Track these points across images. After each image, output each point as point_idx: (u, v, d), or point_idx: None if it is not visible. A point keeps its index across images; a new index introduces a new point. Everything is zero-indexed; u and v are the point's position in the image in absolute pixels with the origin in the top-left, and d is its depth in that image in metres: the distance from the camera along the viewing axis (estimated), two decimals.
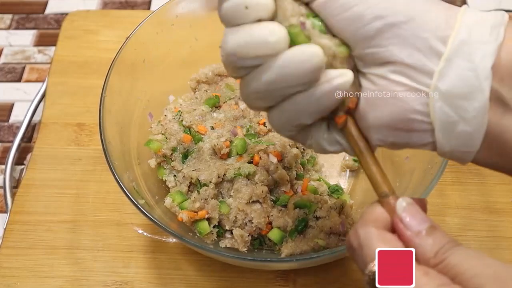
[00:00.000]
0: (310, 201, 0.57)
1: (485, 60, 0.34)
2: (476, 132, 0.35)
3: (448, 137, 0.36)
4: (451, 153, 0.37)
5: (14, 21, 0.88)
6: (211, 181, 0.56)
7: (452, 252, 0.32)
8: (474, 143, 0.36)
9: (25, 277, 0.61)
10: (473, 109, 0.34)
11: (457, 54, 0.34)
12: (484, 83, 0.34)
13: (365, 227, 0.35)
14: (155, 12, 0.62)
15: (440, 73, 0.35)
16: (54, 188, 0.67)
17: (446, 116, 0.35)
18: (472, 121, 0.35)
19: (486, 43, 0.34)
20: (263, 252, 0.58)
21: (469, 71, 0.34)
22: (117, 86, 0.58)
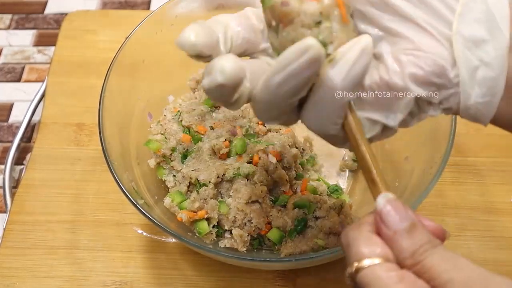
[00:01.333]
0: (309, 201, 0.57)
1: (502, 1, 0.35)
2: (498, 76, 0.35)
3: (472, 85, 0.36)
4: (474, 105, 0.37)
5: (13, 21, 0.88)
6: (210, 181, 0.56)
7: (428, 254, 0.32)
8: (497, 89, 0.36)
9: (25, 277, 0.61)
10: (493, 50, 0.35)
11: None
12: (502, 22, 0.34)
13: (357, 228, 0.35)
14: (155, 12, 0.62)
15: (458, 18, 0.35)
16: (53, 188, 0.67)
17: (469, 61, 0.35)
18: (493, 63, 0.35)
19: None
20: (262, 252, 0.58)
21: (486, 12, 0.35)
22: (117, 86, 0.58)
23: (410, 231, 0.33)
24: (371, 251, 0.32)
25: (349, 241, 0.34)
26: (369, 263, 0.32)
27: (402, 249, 0.32)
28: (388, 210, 0.34)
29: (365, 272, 0.32)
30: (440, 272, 0.31)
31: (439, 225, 0.36)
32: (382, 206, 0.34)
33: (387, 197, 0.34)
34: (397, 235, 0.33)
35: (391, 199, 0.34)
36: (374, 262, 0.32)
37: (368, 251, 0.33)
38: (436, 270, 0.31)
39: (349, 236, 0.34)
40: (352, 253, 0.33)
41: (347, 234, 0.34)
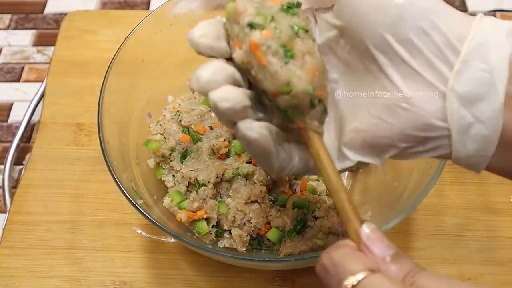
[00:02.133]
0: (308, 201, 0.57)
1: (501, 62, 0.35)
2: (492, 134, 0.36)
3: (465, 141, 0.36)
4: (467, 158, 0.37)
5: (13, 21, 0.88)
6: (209, 181, 0.56)
7: (419, 276, 0.32)
8: (490, 146, 0.36)
9: (24, 277, 0.61)
10: (488, 110, 0.35)
11: (473, 56, 0.35)
12: (499, 84, 0.35)
13: (340, 249, 0.35)
14: (154, 12, 0.62)
15: (456, 75, 0.35)
16: (53, 188, 0.67)
17: (463, 118, 0.35)
18: (487, 122, 0.35)
19: (503, 46, 0.35)
20: (261, 252, 0.58)
21: (485, 72, 0.35)
22: (116, 86, 0.58)
23: (396, 258, 0.34)
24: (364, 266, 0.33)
25: (335, 261, 0.34)
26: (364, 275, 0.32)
27: (392, 273, 0.33)
28: (374, 238, 0.35)
29: (365, 281, 0.32)
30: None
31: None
32: (368, 235, 0.35)
33: (370, 227, 0.35)
34: (385, 262, 0.34)
35: (375, 229, 0.35)
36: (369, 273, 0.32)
37: (360, 265, 0.33)
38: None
39: (333, 257, 0.34)
40: (342, 270, 0.33)
41: (330, 256, 0.35)
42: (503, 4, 0.87)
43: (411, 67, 0.36)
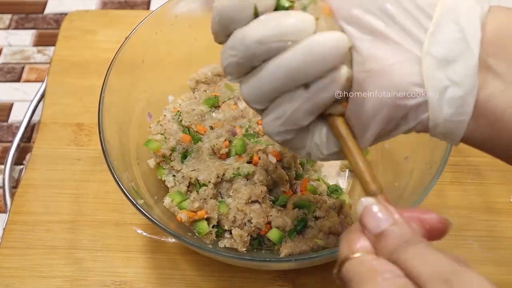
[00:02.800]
0: (309, 201, 0.57)
1: (473, 22, 0.35)
2: (467, 95, 0.35)
3: (441, 104, 0.36)
4: (443, 124, 0.37)
5: (13, 21, 0.88)
6: (210, 181, 0.56)
7: (404, 252, 0.33)
8: (466, 109, 0.36)
9: (24, 277, 0.61)
10: (463, 70, 0.35)
11: (445, 18, 0.35)
12: (472, 42, 0.35)
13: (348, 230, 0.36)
14: (154, 12, 0.62)
15: (430, 38, 0.35)
16: (53, 188, 0.67)
17: (439, 81, 0.36)
18: (463, 82, 0.35)
19: (473, 7, 0.35)
20: (262, 252, 0.58)
21: (457, 32, 0.35)
22: (116, 86, 0.58)
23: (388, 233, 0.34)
24: (354, 247, 0.34)
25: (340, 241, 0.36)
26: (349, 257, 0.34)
27: (382, 249, 0.34)
28: (366, 215, 0.35)
29: (345, 265, 0.34)
30: (410, 268, 0.32)
31: (441, 218, 0.37)
32: (360, 213, 0.36)
33: (364, 203, 0.36)
34: (378, 236, 0.34)
35: (372, 202, 0.36)
36: (354, 256, 0.34)
37: (350, 247, 0.35)
38: (407, 266, 0.32)
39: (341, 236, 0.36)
40: (340, 251, 0.35)
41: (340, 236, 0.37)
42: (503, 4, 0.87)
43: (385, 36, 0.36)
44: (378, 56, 0.36)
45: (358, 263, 0.33)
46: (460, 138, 0.38)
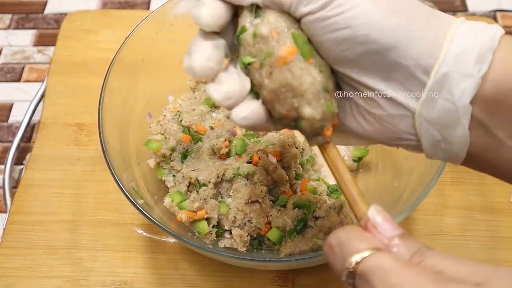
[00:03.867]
0: (309, 201, 0.57)
1: (465, 96, 0.35)
2: (460, 151, 0.38)
3: (435, 151, 0.39)
4: (439, 160, 0.41)
5: (13, 21, 0.88)
6: (210, 181, 0.56)
7: (427, 255, 0.32)
8: (458, 158, 0.38)
9: (24, 277, 0.61)
10: (455, 136, 0.37)
11: (439, 86, 0.36)
12: (463, 117, 0.36)
13: (347, 229, 0.35)
14: (154, 12, 0.62)
15: (423, 103, 0.37)
16: (53, 188, 0.67)
17: (432, 136, 0.37)
18: (455, 144, 0.37)
19: (468, 77, 0.35)
20: (262, 252, 0.58)
21: (450, 103, 0.36)
22: (116, 86, 0.58)
23: (404, 238, 0.34)
24: (369, 245, 0.33)
25: (341, 241, 0.34)
26: (370, 253, 0.32)
27: (400, 253, 0.33)
28: (381, 219, 0.35)
29: (367, 259, 0.32)
30: (442, 268, 0.31)
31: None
32: (374, 216, 0.35)
33: (377, 208, 0.36)
34: (393, 242, 0.33)
35: (381, 210, 0.36)
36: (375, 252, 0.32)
37: (365, 245, 0.33)
38: (438, 267, 0.31)
39: (339, 236, 0.34)
40: (347, 249, 0.33)
41: (337, 235, 0.35)
42: (503, 4, 0.87)
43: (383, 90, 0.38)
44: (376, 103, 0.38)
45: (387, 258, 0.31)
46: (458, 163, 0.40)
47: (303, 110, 0.38)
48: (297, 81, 0.37)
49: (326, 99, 0.38)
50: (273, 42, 0.38)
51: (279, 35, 0.38)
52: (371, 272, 0.31)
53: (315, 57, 0.38)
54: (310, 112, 0.38)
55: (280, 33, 0.38)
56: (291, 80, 0.37)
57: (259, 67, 0.38)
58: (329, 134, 0.39)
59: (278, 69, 0.38)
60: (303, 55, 0.37)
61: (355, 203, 0.37)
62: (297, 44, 0.38)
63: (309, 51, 0.38)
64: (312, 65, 0.38)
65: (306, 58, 0.37)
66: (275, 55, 0.37)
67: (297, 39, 0.38)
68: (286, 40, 0.37)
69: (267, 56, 0.38)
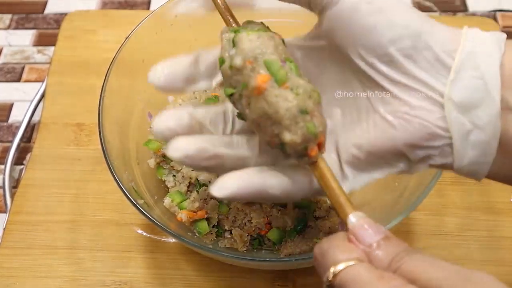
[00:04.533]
0: (309, 201, 0.57)
1: (492, 68, 0.36)
2: (491, 139, 0.37)
3: (465, 148, 0.37)
4: (468, 166, 0.38)
5: (13, 21, 0.88)
6: (210, 181, 0.56)
7: (405, 260, 0.32)
8: (490, 151, 0.37)
9: (24, 277, 0.61)
10: (485, 115, 0.36)
11: (465, 65, 0.36)
12: (493, 89, 0.36)
13: (330, 239, 0.35)
14: (155, 12, 0.62)
15: (451, 84, 0.36)
16: (53, 188, 0.67)
17: (462, 125, 0.37)
18: (486, 128, 0.36)
19: (491, 52, 0.36)
20: (262, 252, 0.58)
21: (478, 79, 0.36)
22: (117, 86, 0.58)
23: (384, 243, 0.34)
24: (348, 255, 0.33)
25: (323, 251, 0.34)
26: (346, 265, 0.32)
27: (379, 259, 0.33)
28: (360, 226, 0.35)
29: (343, 272, 0.32)
30: (419, 273, 0.31)
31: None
32: (354, 223, 0.35)
33: (358, 215, 0.36)
34: (373, 248, 0.34)
35: (362, 216, 0.36)
36: (351, 263, 0.32)
37: (344, 255, 0.33)
38: (415, 273, 0.31)
39: (323, 247, 0.35)
40: (327, 261, 0.34)
41: (321, 246, 0.35)
42: (503, 4, 0.87)
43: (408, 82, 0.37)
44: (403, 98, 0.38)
45: (361, 270, 0.32)
46: (484, 176, 0.39)
47: (283, 136, 0.38)
48: (273, 109, 0.37)
49: (305, 121, 0.37)
50: (247, 72, 0.38)
51: (252, 64, 0.38)
52: (346, 286, 0.32)
53: (290, 79, 0.38)
54: (289, 137, 0.37)
55: (253, 62, 0.38)
56: (268, 109, 0.37)
57: (238, 98, 0.39)
58: (314, 154, 0.38)
59: (255, 99, 0.38)
60: (277, 81, 0.37)
61: (341, 209, 0.37)
62: (271, 71, 0.37)
63: (283, 76, 0.38)
64: (288, 89, 0.37)
65: (280, 84, 0.37)
66: (250, 86, 0.38)
67: (271, 66, 0.38)
68: (260, 69, 0.38)
69: (243, 87, 0.38)
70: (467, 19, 0.85)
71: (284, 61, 0.38)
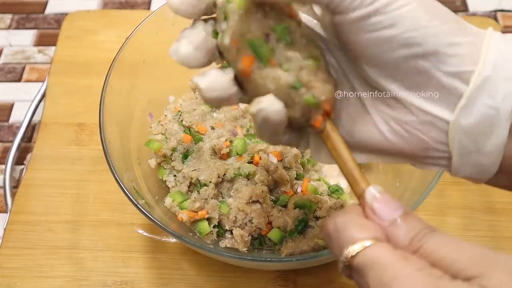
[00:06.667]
0: (310, 201, 0.57)
1: (508, 99, 0.34)
2: (492, 164, 0.36)
3: (465, 165, 0.37)
4: (464, 177, 0.38)
5: (14, 21, 0.88)
6: (211, 181, 0.56)
7: (427, 239, 0.31)
8: (488, 173, 0.37)
9: (25, 277, 0.61)
10: (490, 144, 0.35)
11: (480, 92, 0.34)
12: (505, 122, 0.34)
13: (345, 214, 0.34)
14: (155, 12, 0.62)
15: (461, 110, 0.35)
16: (54, 188, 0.67)
17: (464, 147, 0.35)
18: (489, 154, 0.35)
19: (510, 80, 0.34)
20: (263, 252, 0.58)
21: (491, 109, 0.34)
22: (117, 86, 0.58)
23: (404, 219, 0.32)
24: (366, 234, 0.31)
25: (338, 227, 0.33)
26: (367, 244, 0.31)
27: (399, 237, 0.32)
28: (379, 201, 0.33)
29: (362, 254, 0.31)
30: (441, 256, 0.30)
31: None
32: (372, 198, 0.33)
33: (375, 189, 0.34)
34: (392, 225, 0.32)
35: (380, 191, 0.34)
36: (368, 243, 0.31)
37: (362, 234, 0.31)
38: (438, 254, 0.30)
39: (337, 222, 0.33)
40: (343, 238, 0.32)
41: (335, 220, 0.33)
42: (503, 4, 0.87)
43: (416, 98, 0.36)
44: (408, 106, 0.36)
45: (382, 252, 0.30)
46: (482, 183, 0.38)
47: None
48: (262, 90, 0.36)
49: (300, 95, 0.36)
50: (233, 53, 0.36)
51: (237, 44, 0.36)
52: (366, 267, 0.30)
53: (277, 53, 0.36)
54: (288, 113, 0.36)
55: (238, 42, 0.36)
56: (259, 90, 0.36)
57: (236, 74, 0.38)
58: (318, 125, 0.37)
59: (246, 79, 0.37)
60: (262, 61, 0.36)
61: (355, 182, 0.36)
62: (254, 50, 0.36)
63: (267, 53, 0.36)
64: (276, 66, 0.36)
65: (265, 63, 0.36)
66: (237, 69, 0.37)
67: (253, 45, 0.36)
68: (244, 50, 0.36)
69: (234, 67, 0.37)
70: (468, 19, 0.84)
71: (268, 34, 0.36)
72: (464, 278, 0.28)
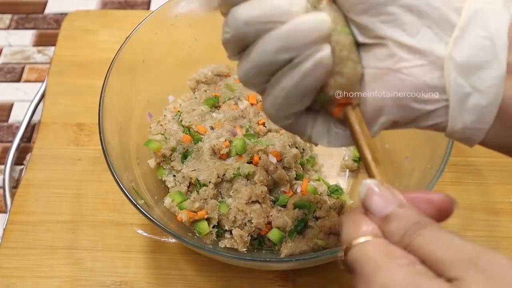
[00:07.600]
0: (309, 201, 0.57)
1: (501, 28, 0.33)
2: (491, 105, 0.34)
3: (462, 112, 0.35)
4: (462, 131, 0.36)
5: (13, 21, 0.88)
6: (210, 181, 0.56)
7: (416, 235, 0.31)
8: (488, 118, 0.35)
9: (25, 277, 0.61)
10: (489, 78, 0.34)
11: (472, 23, 0.33)
12: (501, 51, 0.33)
13: (348, 213, 0.34)
14: (155, 12, 0.62)
15: (455, 42, 0.34)
16: (53, 188, 0.67)
17: (461, 88, 0.34)
18: (487, 92, 0.34)
19: (501, 12, 0.34)
20: (262, 252, 0.58)
21: (485, 39, 0.33)
22: (117, 86, 0.58)
23: (397, 215, 0.32)
24: (362, 230, 0.32)
25: (340, 225, 0.34)
26: (357, 241, 0.31)
27: (391, 233, 0.32)
28: (370, 197, 0.33)
29: (353, 251, 0.31)
30: (428, 252, 0.30)
31: (445, 196, 0.34)
32: (363, 194, 0.33)
33: (367, 185, 0.34)
34: (384, 221, 0.32)
35: (374, 184, 0.34)
36: (362, 240, 0.31)
37: (358, 231, 0.32)
38: (424, 251, 0.30)
39: (341, 221, 0.34)
40: (343, 236, 0.33)
41: (341, 219, 0.34)
42: None
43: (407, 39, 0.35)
44: (398, 56, 0.35)
45: (370, 248, 0.31)
46: (477, 142, 0.37)
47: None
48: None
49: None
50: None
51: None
52: (355, 264, 0.31)
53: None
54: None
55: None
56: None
57: None
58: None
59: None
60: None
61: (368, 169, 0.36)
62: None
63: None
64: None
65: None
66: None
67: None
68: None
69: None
70: None
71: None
72: (447, 278, 0.28)
